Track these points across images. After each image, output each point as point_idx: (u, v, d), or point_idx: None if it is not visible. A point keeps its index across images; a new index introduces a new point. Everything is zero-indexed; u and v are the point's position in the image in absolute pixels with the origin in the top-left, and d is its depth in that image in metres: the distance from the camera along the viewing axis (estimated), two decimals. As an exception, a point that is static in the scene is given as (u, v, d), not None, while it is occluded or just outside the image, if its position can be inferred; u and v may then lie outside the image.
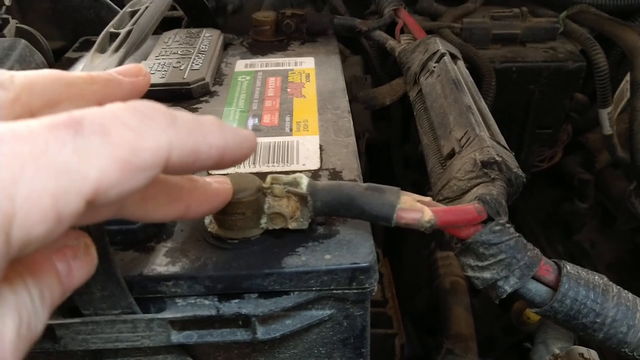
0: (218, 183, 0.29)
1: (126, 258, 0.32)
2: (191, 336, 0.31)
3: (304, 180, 0.32)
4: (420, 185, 0.80)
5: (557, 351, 0.49)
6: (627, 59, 0.71)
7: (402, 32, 0.65)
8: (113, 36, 0.41)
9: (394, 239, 0.86)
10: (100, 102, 0.26)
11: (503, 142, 0.42)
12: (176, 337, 0.31)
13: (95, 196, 0.18)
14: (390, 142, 0.86)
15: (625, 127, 0.70)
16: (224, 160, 0.23)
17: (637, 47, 0.66)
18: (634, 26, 0.71)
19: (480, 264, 0.33)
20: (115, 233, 0.32)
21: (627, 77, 0.70)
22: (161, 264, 0.31)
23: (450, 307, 0.66)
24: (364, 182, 0.34)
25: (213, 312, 0.30)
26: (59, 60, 0.61)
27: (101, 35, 0.41)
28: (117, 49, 0.39)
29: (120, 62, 0.38)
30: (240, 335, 0.31)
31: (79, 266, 0.22)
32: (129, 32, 0.41)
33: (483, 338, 0.68)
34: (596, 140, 0.86)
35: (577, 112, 0.84)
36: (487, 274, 0.32)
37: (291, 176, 0.32)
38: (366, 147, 0.77)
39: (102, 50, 0.40)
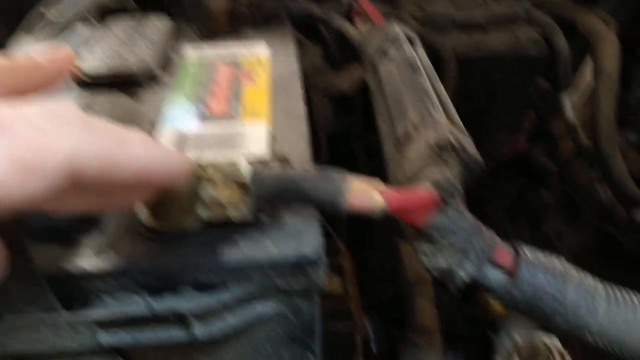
0: None
1: (48, 253, 0.29)
2: (121, 337, 0.28)
3: (244, 166, 0.30)
4: (383, 175, 0.78)
5: (519, 339, 0.47)
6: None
7: (360, 17, 0.63)
8: (43, 17, 0.38)
9: (361, 230, 0.84)
10: (19, 86, 0.24)
11: (460, 125, 0.40)
12: (104, 338, 0.28)
13: None
14: (351, 130, 0.84)
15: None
16: (149, 176, 0.22)
17: (597, 30, 0.66)
18: (595, 9, 0.70)
19: (434, 250, 0.31)
20: (35, 226, 0.29)
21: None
22: (87, 258, 0.29)
23: (414, 298, 0.64)
24: None
25: (145, 310, 0.28)
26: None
27: (30, 16, 0.38)
28: (45, 30, 0.36)
29: (50, 44, 0.35)
30: (176, 334, 0.29)
31: None
32: (60, 13, 0.38)
33: (448, 329, 0.66)
34: (560, 127, 0.85)
35: (541, 99, 0.84)
36: (441, 260, 0.31)
37: (231, 161, 0.30)
38: (327, 137, 0.74)
39: (30, 31, 0.37)
